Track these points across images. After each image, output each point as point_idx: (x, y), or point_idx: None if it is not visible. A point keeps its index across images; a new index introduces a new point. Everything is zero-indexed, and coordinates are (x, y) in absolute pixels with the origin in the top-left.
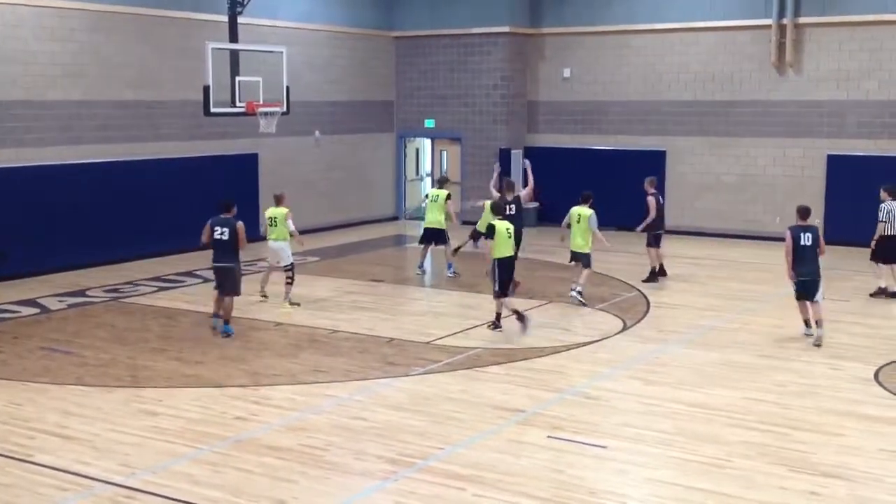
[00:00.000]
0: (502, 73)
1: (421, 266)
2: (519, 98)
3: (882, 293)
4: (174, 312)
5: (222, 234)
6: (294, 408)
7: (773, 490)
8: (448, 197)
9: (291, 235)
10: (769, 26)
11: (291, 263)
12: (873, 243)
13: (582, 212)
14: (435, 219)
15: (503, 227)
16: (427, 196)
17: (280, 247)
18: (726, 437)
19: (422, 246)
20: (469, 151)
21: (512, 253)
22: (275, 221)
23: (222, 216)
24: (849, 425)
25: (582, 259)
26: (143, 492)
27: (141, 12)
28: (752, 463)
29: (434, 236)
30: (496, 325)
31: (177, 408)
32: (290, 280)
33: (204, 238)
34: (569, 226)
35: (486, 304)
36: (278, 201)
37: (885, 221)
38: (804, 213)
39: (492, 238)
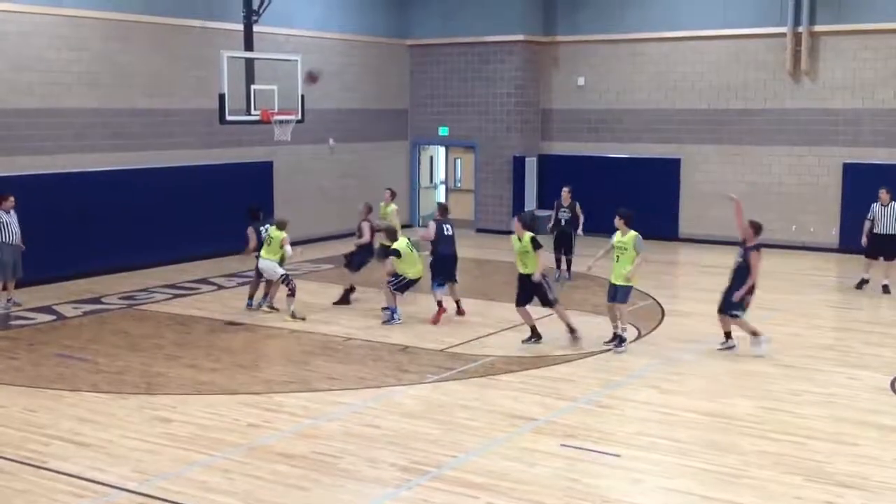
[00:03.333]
0: (516, 81)
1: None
2: (533, 106)
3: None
4: (188, 319)
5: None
6: (307, 415)
7: (789, 500)
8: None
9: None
10: (784, 34)
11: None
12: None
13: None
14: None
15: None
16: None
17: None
18: (742, 447)
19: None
20: (483, 159)
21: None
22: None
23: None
24: (865, 435)
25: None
26: (156, 498)
27: (156, 21)
28: (767, 472)
29: None
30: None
31: (190, 415)
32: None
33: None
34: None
35: (499, 312)
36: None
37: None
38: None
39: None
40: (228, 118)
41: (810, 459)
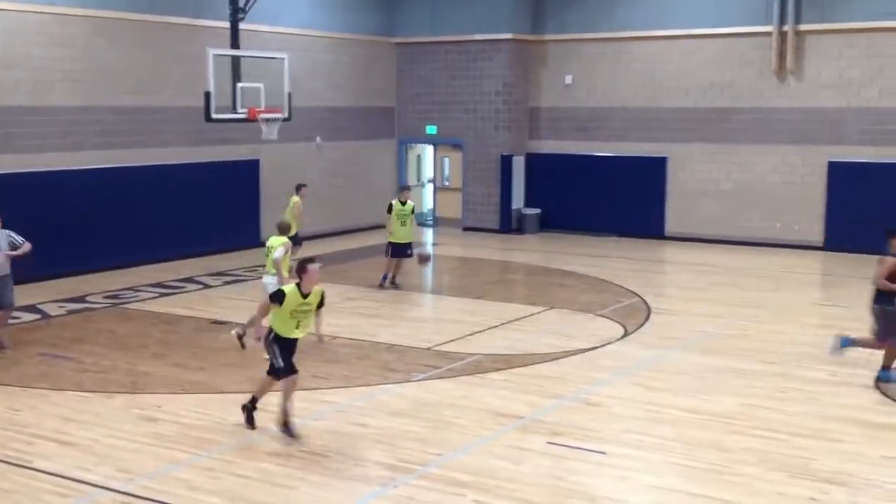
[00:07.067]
0: (504, 79)
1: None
2: (520, 104)
3: None
4: (174, 318)
5: None
6: (294, 414)
7: (774, 496)
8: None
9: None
10: (770, 33)
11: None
12: None
13: None
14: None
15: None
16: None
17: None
18: (727, 444)
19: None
20: (471, 158)
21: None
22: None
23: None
24: (849, 432)
25: None
26: (141, 498)
27: (142, 18)
28: (752, 469)
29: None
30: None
31: (176, 414)
32: None
33: None
34: None
35: (488, 309)
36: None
37: None
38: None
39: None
40: (214, 116)
41: (795, 456)
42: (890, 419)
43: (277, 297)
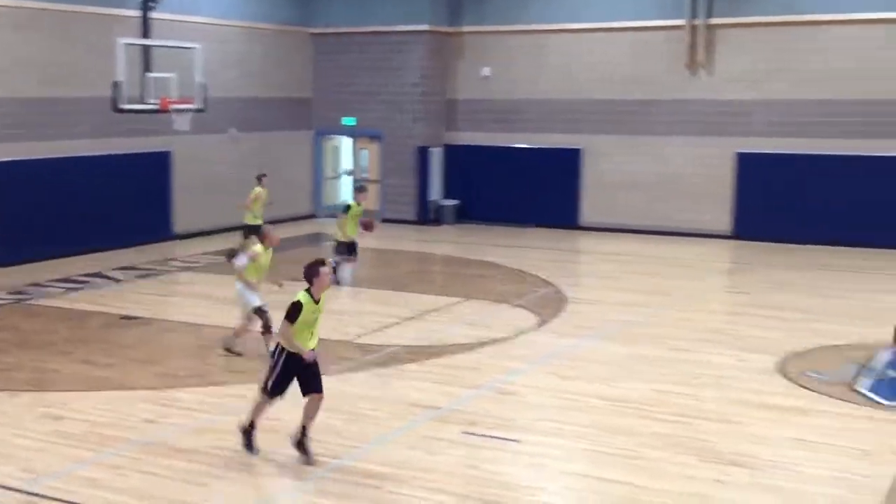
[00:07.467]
0: (422, 71)
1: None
2: (438, 96)
3: None
4: (82, 314)
5: None
6: (205, 410)
7: (681, 479)
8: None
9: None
10: (682, 27)
11: (258, 307)
12: None
13: None
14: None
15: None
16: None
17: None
18: (637, 429)
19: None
20: (388, 150)
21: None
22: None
23: None
24: (753, 415)
25: None
26: (46, 497)
27: (51, 7)
28: (661, 453)
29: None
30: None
31: (82, 411)
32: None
33: None
34: None
35: (405, 301)
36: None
37: None
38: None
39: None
40: (122, 106)
41: (702, 440)
42: (793, 402)
43: (294, 312)
